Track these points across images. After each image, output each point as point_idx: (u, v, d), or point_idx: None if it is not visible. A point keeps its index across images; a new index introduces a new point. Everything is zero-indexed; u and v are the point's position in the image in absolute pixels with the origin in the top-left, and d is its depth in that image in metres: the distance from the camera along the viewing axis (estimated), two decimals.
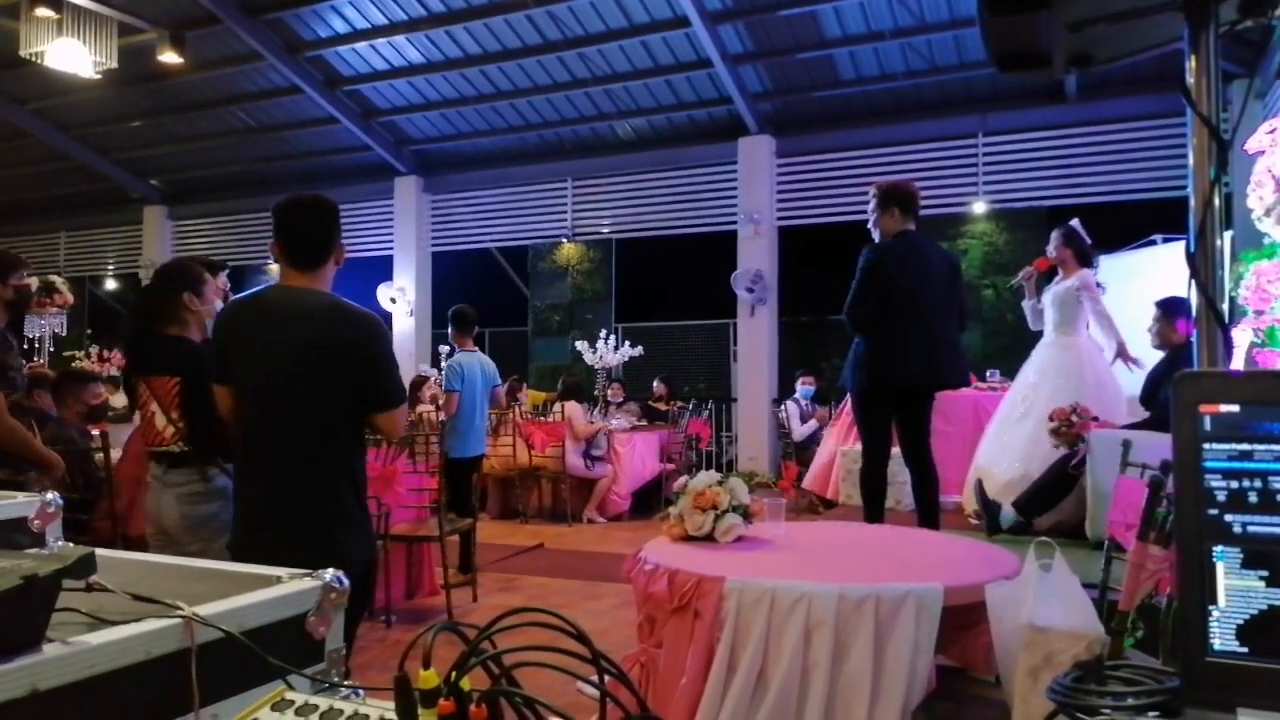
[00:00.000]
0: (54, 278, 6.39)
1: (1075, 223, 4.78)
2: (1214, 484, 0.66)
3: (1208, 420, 0.67)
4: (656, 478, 8.06)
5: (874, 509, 3.92)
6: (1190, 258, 1.15)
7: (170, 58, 8.37)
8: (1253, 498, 0.65)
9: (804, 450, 8.00)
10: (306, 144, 10.71)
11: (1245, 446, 0.65)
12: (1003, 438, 4.88)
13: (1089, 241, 4.74)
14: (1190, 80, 1.27)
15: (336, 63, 9.27)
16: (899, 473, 4.89)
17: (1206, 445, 0.66)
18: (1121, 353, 4.63)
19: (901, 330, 3.72)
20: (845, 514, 5.40)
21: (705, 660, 2.31)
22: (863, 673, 2.16)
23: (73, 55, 7.23)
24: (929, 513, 3.83)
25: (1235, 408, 0.66)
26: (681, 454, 8.67)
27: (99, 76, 7.75)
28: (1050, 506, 4.11)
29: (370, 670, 3.43)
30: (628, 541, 5.93)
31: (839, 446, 6.38)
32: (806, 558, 2.66)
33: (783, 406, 8.34)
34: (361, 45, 8.91)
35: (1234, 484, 0.65)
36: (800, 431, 8.09)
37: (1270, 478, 0.64)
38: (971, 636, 2.34)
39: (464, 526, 4.84)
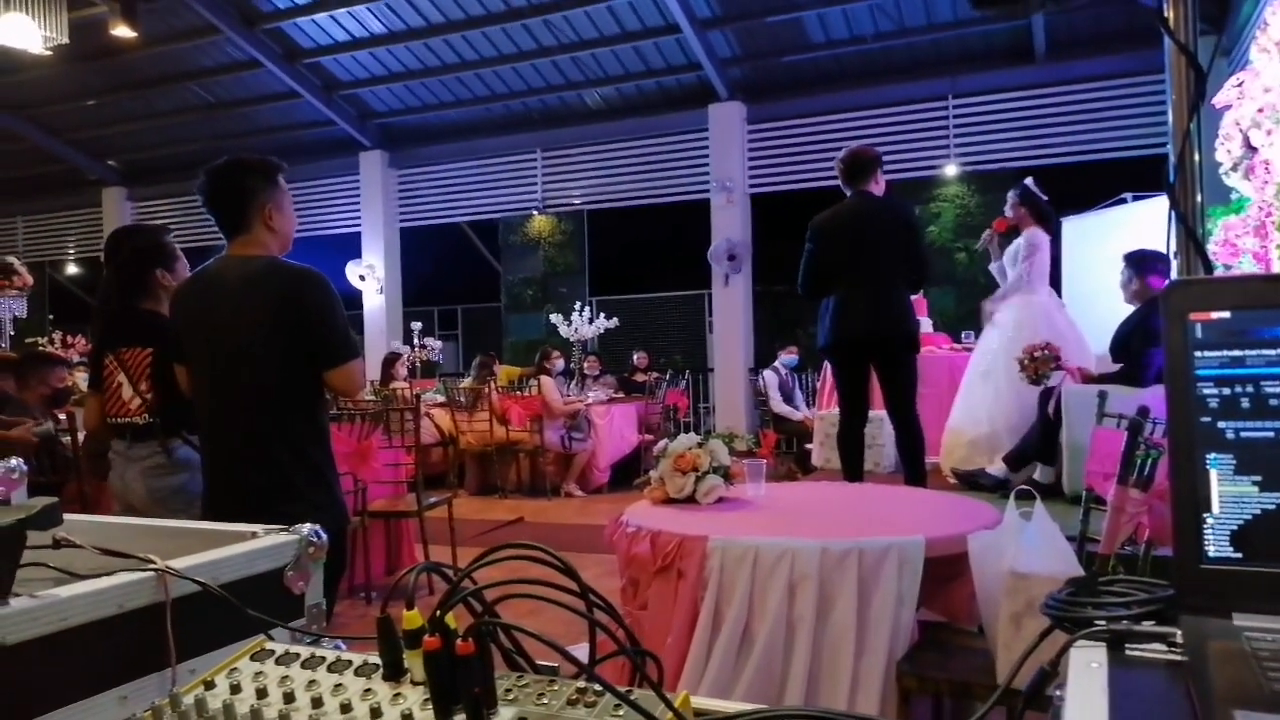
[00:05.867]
0: (11, 259, 6.22)
1: (1029, 181, 4.82)
2: (1206, 391, 0.65)
3: (1199, 328, 0.66)
4: (635, 449, 8.06)
5: (851, 468, 3.94)
6: (1169, 188, 1.15)
7: (123, 32, 8.12)
8: (1245, 403, 0.64)
9: (782, 421, 8.03)
10: (268, 120, 10.50)
11: (1237, 353, 0.65)
12: (970, 398, 4.93)
13: (1045, 198, 4.76)
14: (1167, 12, 1.25)
15: (295, 34, 9.07)
16: (878, 435, 4.93)
17: (1198, 353, 0.66)
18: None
19: (844, 290, 3.93)
20: (823, 477, 5.44)
21: (690, 619, 2.31)
22: (847, 626, 2.17)
23: (21, 30, 6.99)
24: (914, 471, 3.85)
25: (1226, 314, 0.65)
26: (659, 425, 8.68)
27: (49, 53, 7.51)
28: (1043, 458, 4.16)
29: (352, 644, 3.40)
30: (608, 513, 5.89)
31: (816, 412, 6.41)
32: (788, 516, 2.66)
33: (761, 376, 8.35)
34: (321, 16, 8.72)
35: (1226, 390, 0.65)
36: (780, 404, 8.11)
37: (1262, 382, 0.64)
38: (954, 588, 2.36)
39: None
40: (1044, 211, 4.72)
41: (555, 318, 9.65)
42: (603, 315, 9.60)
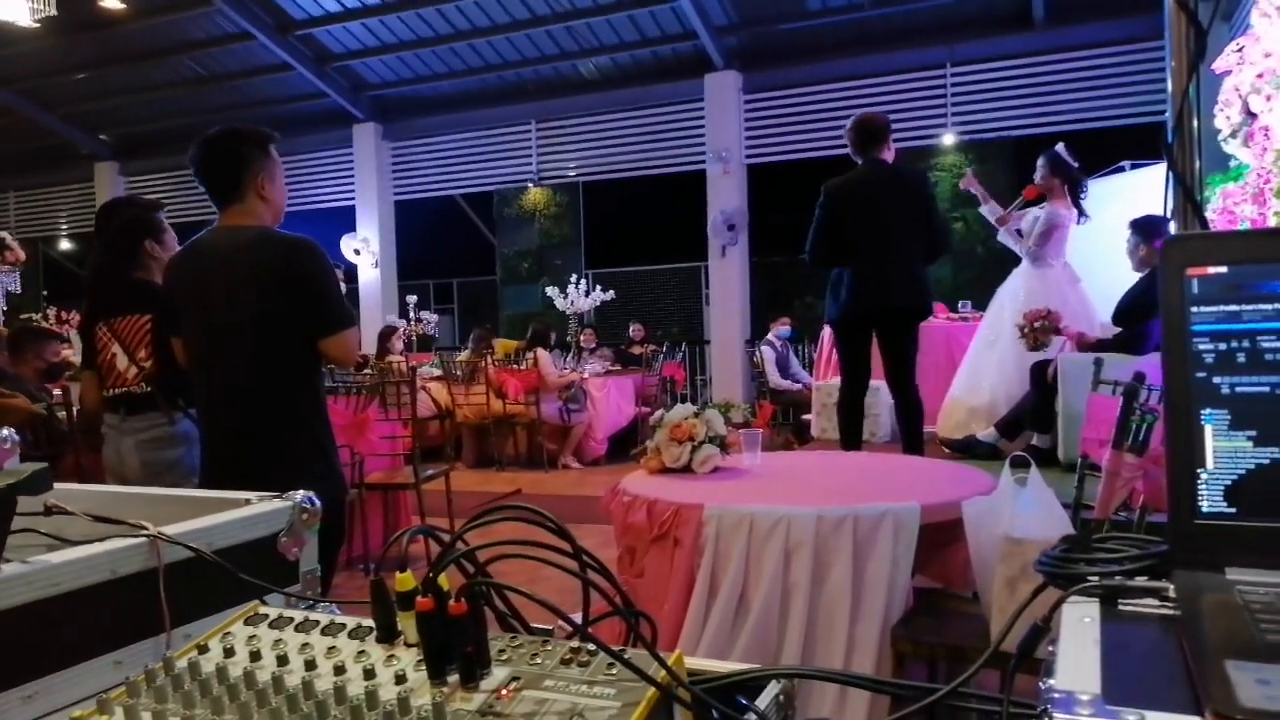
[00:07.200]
0: (3, 234, 6.18)
1: (1060, 148, 4.70)
2: (1202, 347, 0.65)
3: (1195, 283, 0.65)
4: (632, 421, 8.07)
5: (850, 436, 3.95)
6: (1168, 149, 1.14)
7: (112, 3, 8.02)
8: (1241, 358, 0.64)
9: (779, 393, 8.03)
10: (260, 92, 10.39)
11: (1233, 308, 0.64)
12: (976, 366, 4.92)
13: (1076, 165, 4.68)
14: None
15: (287, 5, 8.95)
16: (873, 404, 4.94)
17: (1194, 309, 0.65)
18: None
19: (857, 260, 3.83)
20: (819, 447, 5.45)
21: (686, 587, 2.32)
22: (843, 591, 2.18)
23: (8, 2, 6.89)
24: (912, 440, 3.86)
25: (1223, 269, 0.65)
26: (656, 397, 8.68)
27: (37, 25, 7.41)
28: (1039, 426, 4.16)
29: (346, 609, 3.42)
30: (605, 485, 5.88)
31: (813, 382, 6.41)
32: (784, 484, 2.67)
33: (758, 350, 8.34)
34: None
35: (1222, 345, 0.64)
36: (777, 378, 8.10)
37: (1258, 337, 0.63)
38: (949, 554, 2.38)
39: None
40: (1075, 178, 4.64)
41: (551, 290, 9.62)
42: (599, 288, 9.56)
